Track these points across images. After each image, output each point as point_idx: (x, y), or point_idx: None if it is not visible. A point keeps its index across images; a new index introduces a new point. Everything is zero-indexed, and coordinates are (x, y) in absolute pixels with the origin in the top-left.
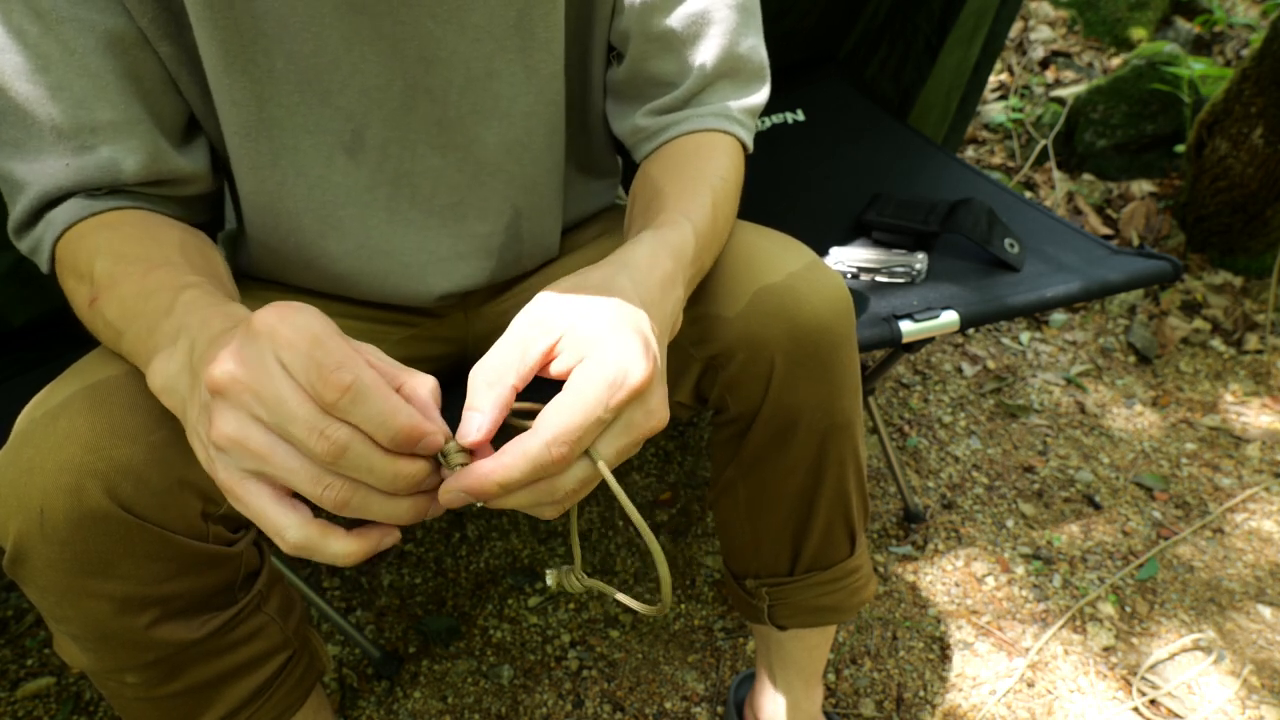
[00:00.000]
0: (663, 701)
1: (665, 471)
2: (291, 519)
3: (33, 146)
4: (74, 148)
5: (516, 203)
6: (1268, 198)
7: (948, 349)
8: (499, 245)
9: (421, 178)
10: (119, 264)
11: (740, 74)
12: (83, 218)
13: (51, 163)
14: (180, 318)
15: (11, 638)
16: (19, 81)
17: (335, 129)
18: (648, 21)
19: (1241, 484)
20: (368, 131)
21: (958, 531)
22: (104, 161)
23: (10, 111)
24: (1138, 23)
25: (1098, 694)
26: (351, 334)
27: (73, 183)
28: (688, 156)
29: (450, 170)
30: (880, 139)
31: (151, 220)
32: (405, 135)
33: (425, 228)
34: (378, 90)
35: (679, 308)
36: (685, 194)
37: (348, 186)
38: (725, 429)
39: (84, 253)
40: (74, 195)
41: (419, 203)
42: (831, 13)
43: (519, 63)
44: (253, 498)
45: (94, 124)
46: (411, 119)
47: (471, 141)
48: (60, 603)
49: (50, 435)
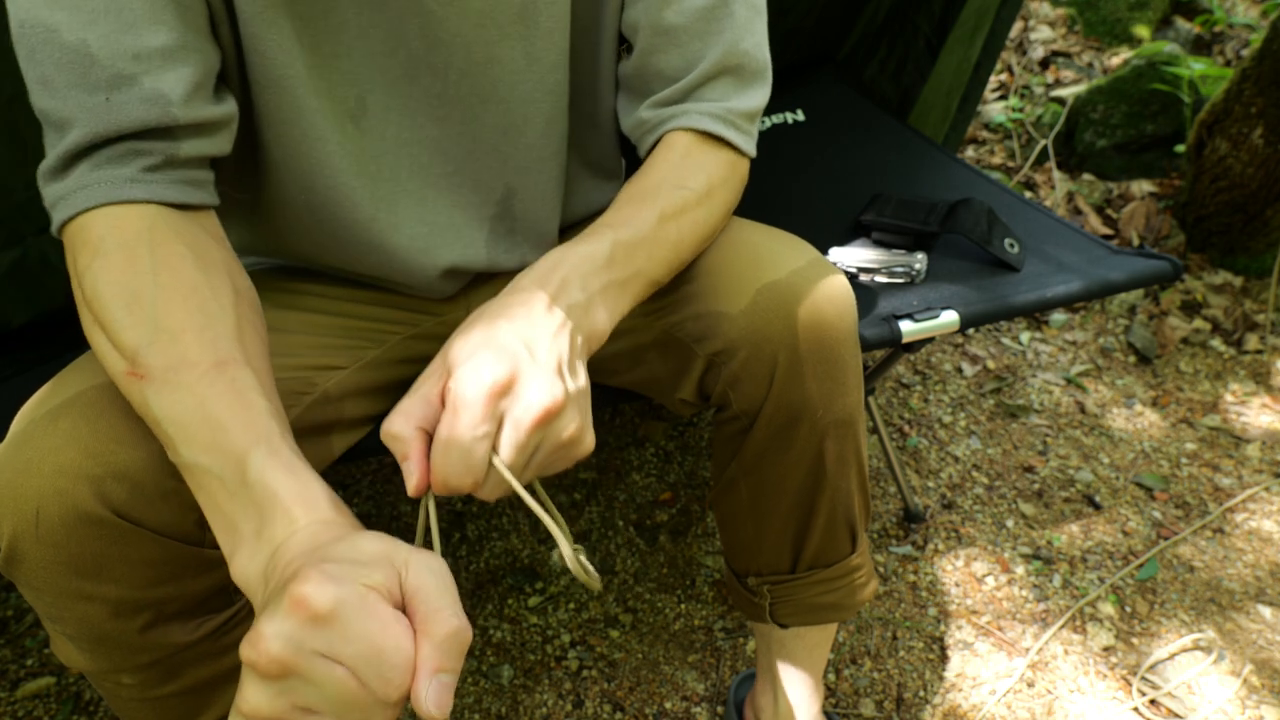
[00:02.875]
0: (663, 701)
1: (665, 471)
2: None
3: (66, 81)
4: (113, 78)
5: (510, 182)
6: (1268, 198)
7: (948, 349)
8: (491, 216)
9: (420, 147)
10: (168, 344)
11: (743, 71)
12: (108, 202)
13: (88, 100)
14: (260, 505)
15: (11, 638)
16: (52, 10)
17: (342, 94)
18: (657, 15)
19: (1241, 484)
20: (370, 98)
21: (958, 531)
22: (148, 95)
23: (45, 44)
24: (1138, 22)
25: (1098, 694)
26: (354, 333)
27: (115, 126)
28: (659, 159)
29: (448, 141)
30: (880, 139)
31: (194, 250)
32: (406, 104)
33: (423, 198)
34: (382, 56)
35: (589, 311)
36: (629, 203)
37: (354, 153)
38: (728, 426)
39: (115, 270)
40: (111, 144)
41: (417, 172)
42: (831, 13)
43: (520, 50)
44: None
45: (140, 50)
46: (413, 89)
47: (469, 119)
48: (55, 604)
49: (49, 437)
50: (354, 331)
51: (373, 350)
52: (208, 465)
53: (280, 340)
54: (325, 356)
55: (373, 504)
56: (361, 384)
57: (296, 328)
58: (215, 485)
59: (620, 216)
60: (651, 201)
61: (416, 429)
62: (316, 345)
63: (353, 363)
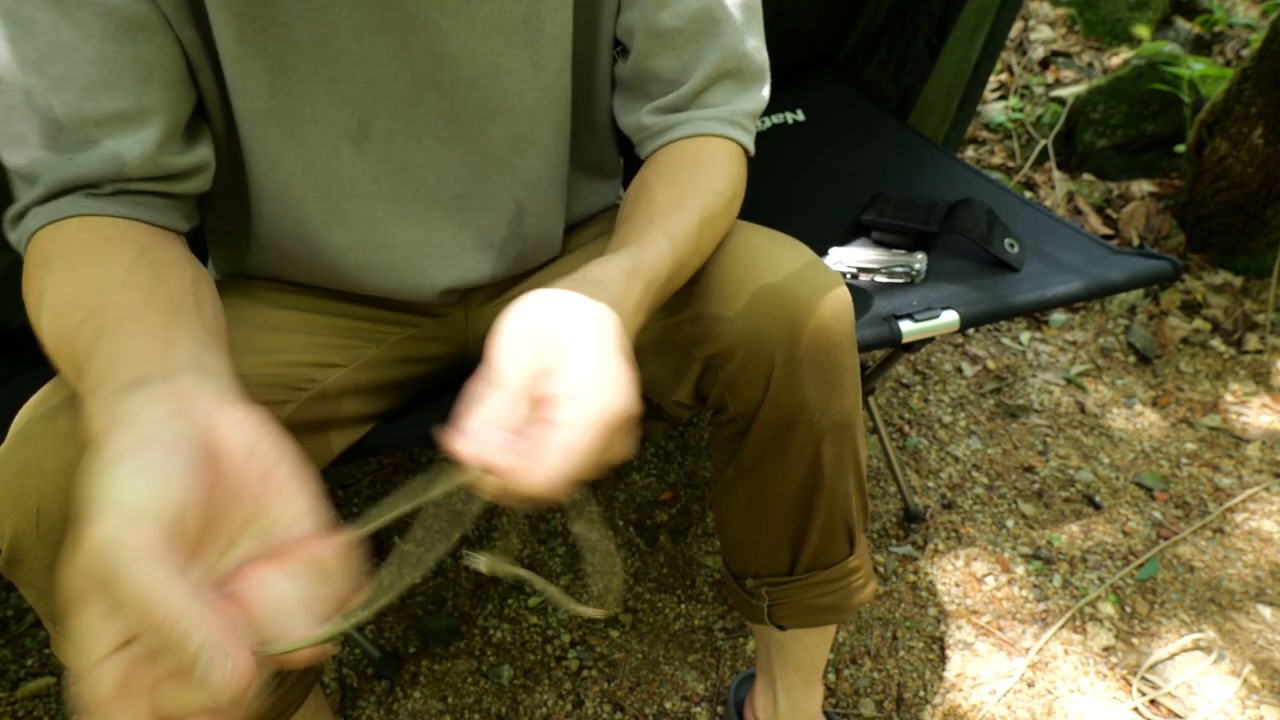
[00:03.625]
0: (663, 701)
1: (665, 471)
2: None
3: (37, 143)
4: (76, 142)
5: (520, 198)
6: (1268, 198)
7: (948, 349)
8: (501, 239)
9: (426, 170)
10: (51, 318)
11: (743, 74)
12: (67, 216)
13: (54, 159)
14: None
15: (11, 638)
16: (25, 74)
17: (342, 119)
18: (652, 18)
19: (1241, 484)
20: (374, 123)
21: (958, 531)
22: (106, 155)
23: (15, 107)
24: (1138, 22)
25: (1098, 694)
26: (353, 333)
27: (73, 178)
28: (685, 164)
29: (455, 163)
30: (880, 139)
31: (99, 236)
32: (411, 127)
33: (428, 220)
34: (385, 81)
35: (637, 331)
36: (674, 208)
37: (353, 178)
38: (725, 429)
39: (28, 285)
40: (73, 192)
41: (423, 195)
42: (831, 13)
43: (526, 59)
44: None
45: (99, 116)
46: (418, 111)
47: (477, 135)
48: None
49: (48, 436)
50: (353, 331)
51: (372, 349)
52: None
53: (279, 338)
54: (324, 354)
55: (373, 504)
56: (360, 382)
57: (295, 326)
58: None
59: (675, 221)
60: (696, 205)
61: (500, 432)
62: (315, 343)
63: (351, 361)
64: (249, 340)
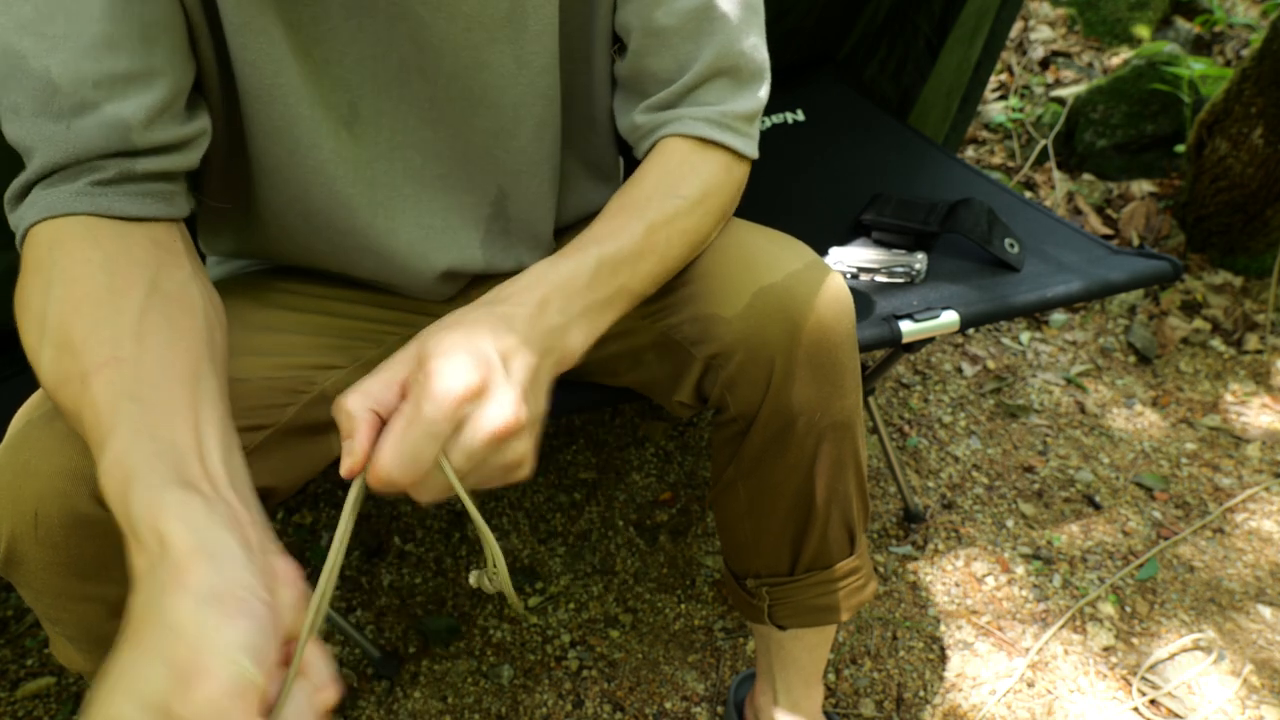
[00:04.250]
0: (663, 701)
1: (665, 471)
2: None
3: (32, 110)
4: (75, 106)
5: (502, 185)
6: (1268, 198)
7: (948, 349)
8: (486, 217)
9: (413, 150)
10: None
11: (740, 73)
12: (49, 216)
13: (50, 128)
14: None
15: (11, 638)
16: (20, 37)
17: (334, 101)
18: (648, 16)
19: (1241, 484)
20: (363, 103)
21: (958, 531)
22: (107, 120)
23: (15, 71)
24: (1138, 22)
25: (1098, 694)
26: (353, 334)
27: (75, 151)
28: (661, 169)
29: (440, 144)
30: (880, 139)
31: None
32: (398, 107)
33: (419, 201)
34: (373, 61)
35: (565, 334)
36: (618, 215)
37: (349, 161)
38: (725, 429)
39: (25, 290)
40: (76, 176)
41: (411, 175)
42: (831, 13)
43: (509, 54)
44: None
45: (99, 76)
46: (404, 93)
47: (459, 123)
48: (54, 605)
49: (47, 438)
50: (353, 332)
51: (371, 350)
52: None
53: (279, 339)
54: (324, 356)
55: (372, 504)
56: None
57: (295, 328)
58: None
59: (607, 229)
60: (641, 212)
61: (371, 410)
62: (315, 345)
63: (351, 362)
64: (249, 342)
